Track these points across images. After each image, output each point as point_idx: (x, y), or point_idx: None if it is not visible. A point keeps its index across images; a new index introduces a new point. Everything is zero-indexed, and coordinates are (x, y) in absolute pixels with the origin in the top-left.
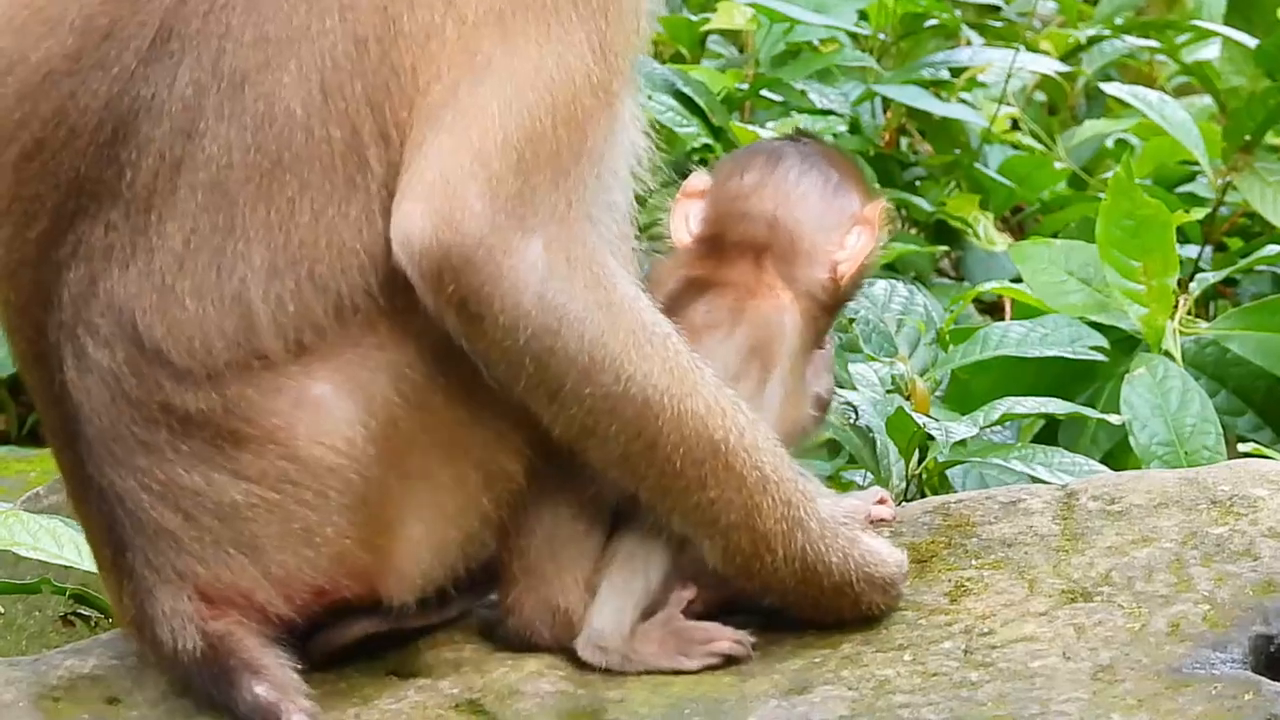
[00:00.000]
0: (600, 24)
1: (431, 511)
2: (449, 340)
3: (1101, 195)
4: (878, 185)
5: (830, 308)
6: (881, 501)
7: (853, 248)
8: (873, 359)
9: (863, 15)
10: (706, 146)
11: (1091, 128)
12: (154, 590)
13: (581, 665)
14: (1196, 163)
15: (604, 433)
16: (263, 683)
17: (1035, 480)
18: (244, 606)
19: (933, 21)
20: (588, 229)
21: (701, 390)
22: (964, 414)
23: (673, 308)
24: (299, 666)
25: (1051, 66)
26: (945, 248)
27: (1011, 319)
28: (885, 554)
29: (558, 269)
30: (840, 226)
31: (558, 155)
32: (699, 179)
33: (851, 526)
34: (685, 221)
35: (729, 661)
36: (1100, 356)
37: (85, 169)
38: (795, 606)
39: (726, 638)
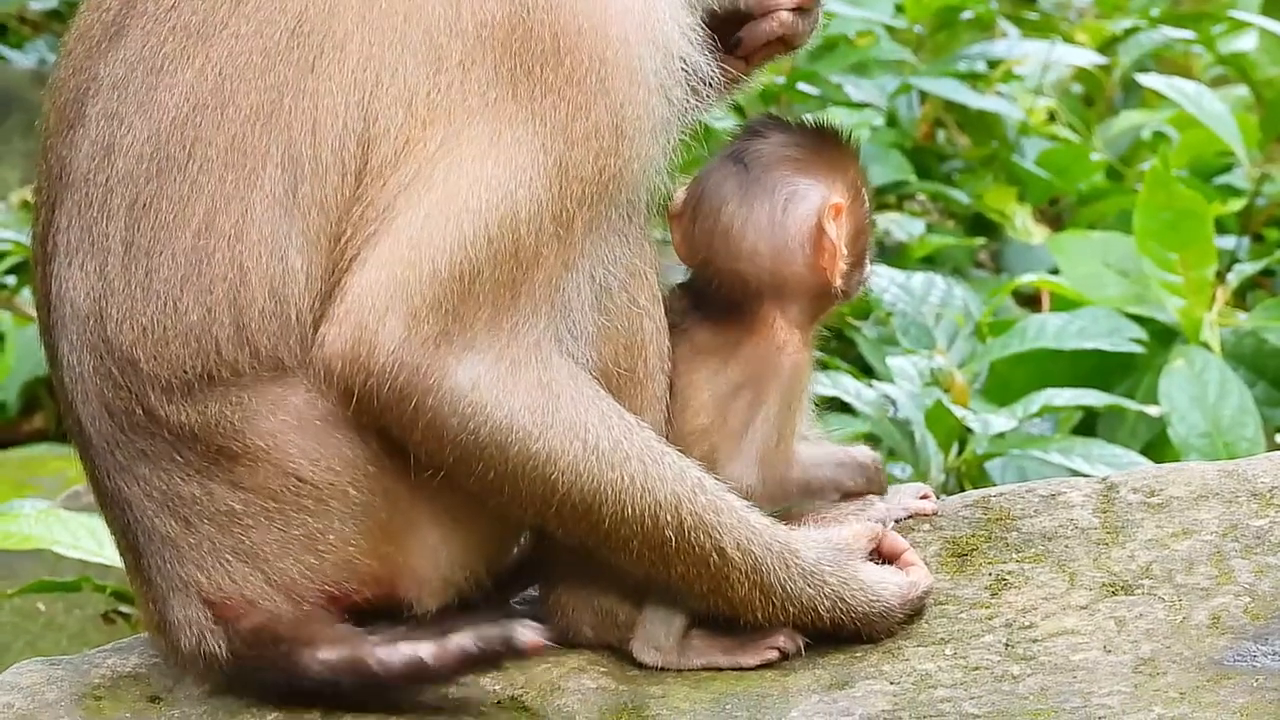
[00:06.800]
0: (558, 144)
1: (448, 518)
2: None
3: (1138, 187)
4: (914, 178)
5: (843, 298)
6: (924, 497)
7: (829, 251)
8: (911, 352)
9: (899, 8)
10: None
11: (1128, 119)
12: (168, 597)
13: (622, 662)
14: (1233, 154)
15: (553, 525)
16: (322, 648)
17: (1074, 472)
18: (251, 613)
19: (969, 14)
20: (539, 342)
21: (653, 484)
22: (1002, 406)
23: (681, 329)
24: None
25: (1088, 58)
26: (983, 240)
27: (1049, 311)
28: (882, 586)
29: (492, 388)
30: (806, 240)
31: (495, 291)
32: (678, 199)
33: (844, 565)
34: (676, 247)
35: (783, 657)
36: (1138, 348)
37: (58, 153)
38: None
39: (781, 633)
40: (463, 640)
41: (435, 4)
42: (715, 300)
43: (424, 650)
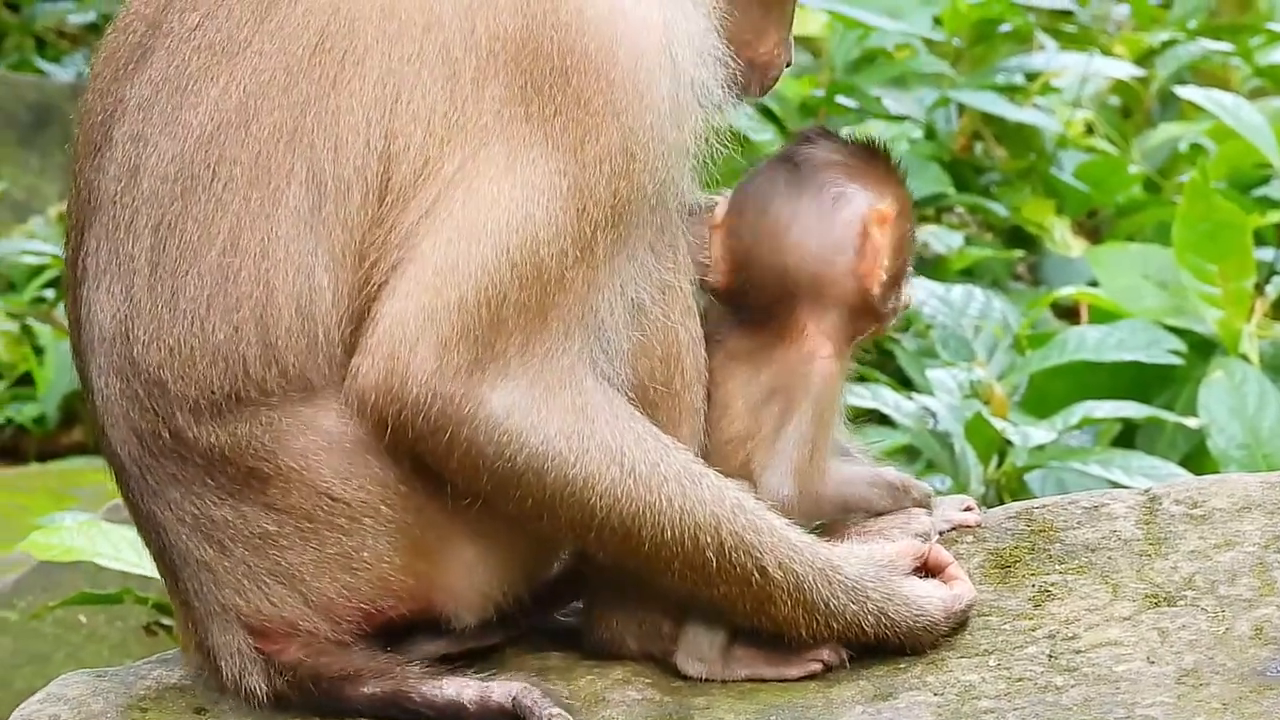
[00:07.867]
0: (571, 167)
1: (485, 535)
2: None
3: (1177, 199)
4: (953, 190)
5: (878, 317)
6: (968, 509)
7: (870, 256)
8: (950, 364)
9: (937, 21)
10: None
11: (1166, 131)
12: (207, 622)
13: (667, 673)
14: (1271, 166)
15: (593, 548)
16: (366, 683)
17: (1114, 484)
18: (291, 636)
19: (1006, 27)
20: (572, 365)
21: (692, 505)
22: (1042, 418)
23: (716, 339)
24: (385, 649)
25: (1125, 70)
26: (1021, 252)
27: (1088, 323)
28: (926, 600)
29: (527, 414)
30: (850, 241)
31: (524, 317)
32: (720, 208)
33: (887, 581)
34: (714, 258)
35: (827, 669)
36: (1177, 360)
37: (86, 177)
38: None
39: (825, 646)
40: (503, 699)
41: (451, 17)
42: (750, 307)
43: (467, 696)
